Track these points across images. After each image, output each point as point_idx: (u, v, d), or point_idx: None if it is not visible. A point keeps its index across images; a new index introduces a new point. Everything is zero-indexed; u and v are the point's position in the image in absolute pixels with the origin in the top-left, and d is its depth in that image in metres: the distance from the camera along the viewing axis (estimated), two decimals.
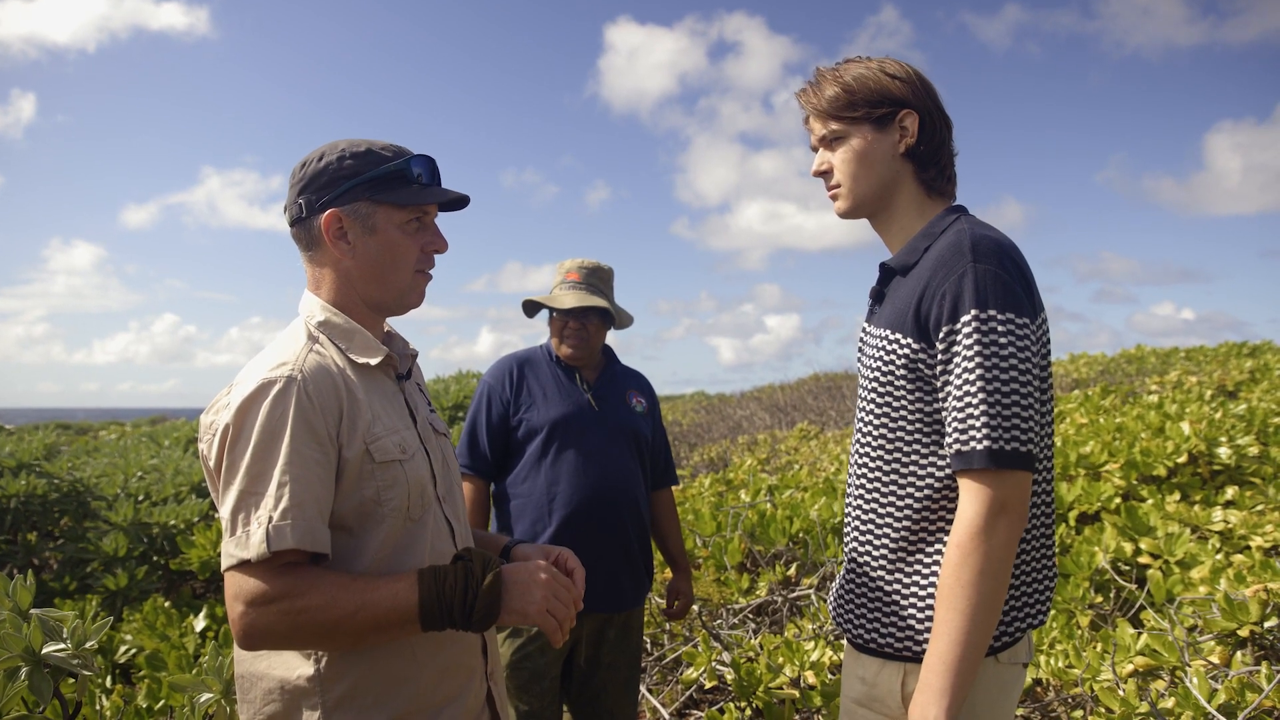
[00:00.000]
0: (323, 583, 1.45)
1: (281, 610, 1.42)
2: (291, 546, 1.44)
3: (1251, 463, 4.95)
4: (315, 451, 1.50)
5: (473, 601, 1.48)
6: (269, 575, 1.43)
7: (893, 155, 1.78)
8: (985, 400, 1.54)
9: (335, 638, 1.47)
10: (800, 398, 14.56)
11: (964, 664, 1.51)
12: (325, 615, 1.43)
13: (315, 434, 1.51)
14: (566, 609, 1.55)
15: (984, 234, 1.65)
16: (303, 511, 1.46)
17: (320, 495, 1.50)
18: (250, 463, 1.47)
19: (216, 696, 2.34)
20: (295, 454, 1.48)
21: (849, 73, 1.79)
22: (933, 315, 1.62)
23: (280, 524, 1.44)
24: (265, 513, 1.44)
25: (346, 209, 1.65)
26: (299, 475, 1.47)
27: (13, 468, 6.80)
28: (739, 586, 4.59)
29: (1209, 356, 11.53)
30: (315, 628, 1.44)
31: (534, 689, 2.83)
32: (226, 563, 1.47)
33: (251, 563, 1.44)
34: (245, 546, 1.44)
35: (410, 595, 1.46)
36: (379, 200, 1.66)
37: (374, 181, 1.66)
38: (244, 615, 1.43)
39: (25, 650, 1.93)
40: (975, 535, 1.52)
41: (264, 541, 1.43)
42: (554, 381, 3.04)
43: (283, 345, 1.63)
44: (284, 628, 1.43)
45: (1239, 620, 3.08)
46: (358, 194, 1.65)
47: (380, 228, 1.66)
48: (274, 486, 1.46)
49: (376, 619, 1.45)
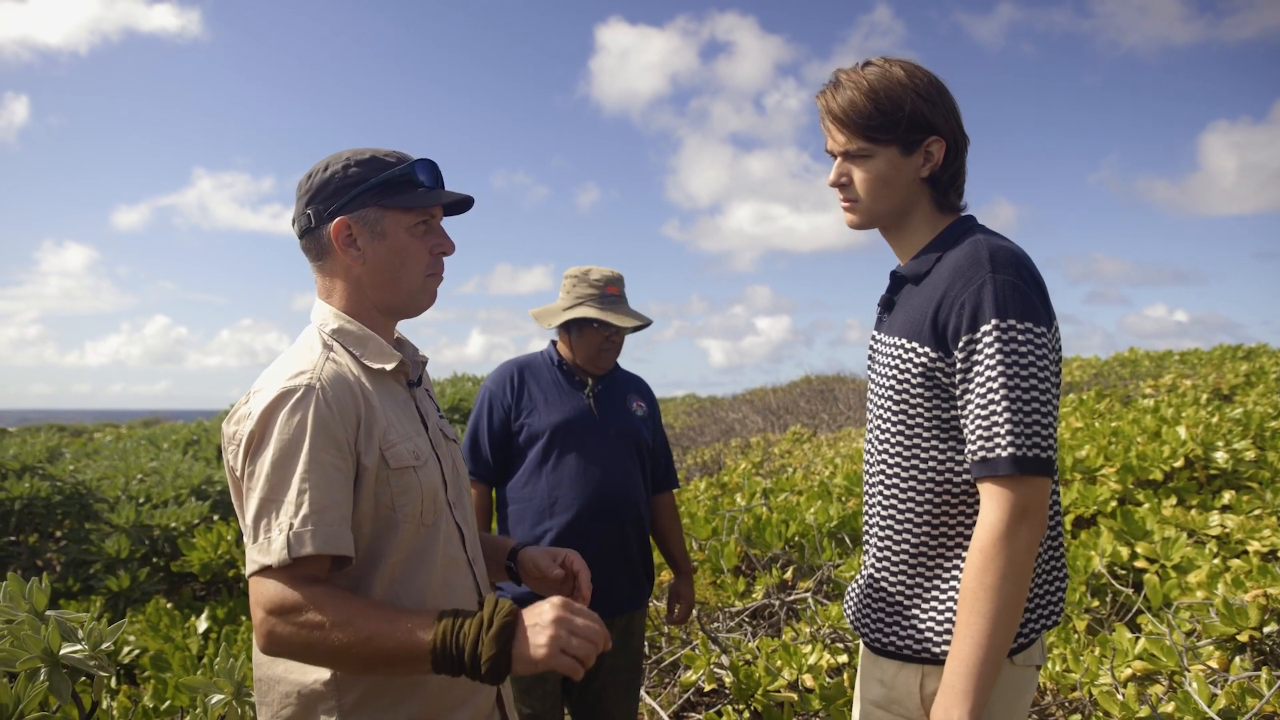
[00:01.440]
0: (345, 605, 1.46)
1: (300, 624, 1.44)
2: (311, 552, 1.46)
3: (1248, 467, 4.99)
4: (335, 458, 1.53)
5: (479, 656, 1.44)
6: (292, 584, 1.45)
7: (915, 179, 1.78)
8: (1009, 408, 1.56)
9: (347, 661, 1.48)
10: (792, 400, 14.60)
11: (987, 666, 1.54)
12: (340, 637, 1.44)
13: (335, 441, 1.53)
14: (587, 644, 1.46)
15: (1001, 244, 1.68)
16: (323, 517, 1.48)
17: (340, 501, 1.52)
18: (271, 470, 1.50)
19: (228, 698, 2.36)
20: (315, 461, 1.50)
21: (879, 85, 1.74)
22: (951, 324, 1.64)
23: (300, 530, 1.46)
24: (286, 519, 1.47)
25: (355, 216, 1.67)
26: (319, 482, 1.49)
27: (16, 470, 6.81)
28: (735, 590, 4.61)
29: (1203, 359, 11.58)
30: (329, 646, 1.45)
31: (536, 692, 2.86)
32: (250, 569, 1.49)
33: (274, 569, 1.46)
34: (267, 552, 1.46)
35: (424, 637, 1.44)
36: (386, 205, 1.68)
37: (380, 187, 1.68)
38: (265, 622, 1.46)
39: (44, 651, 1.95)
40: (999, 540, 1.55)
41: (285, 548, 1.45)
42: (555, 387, 3.07)
43: (299, 354, 1.65)
44: (300, 642, 1.45)
45: (1238, 625, 3.11)
46: (365, 200, 1.67)
47: (389, 232, 1.69)
48: (294, 493, 1.48)
49: (388, 652, 1.45)
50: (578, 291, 3.09)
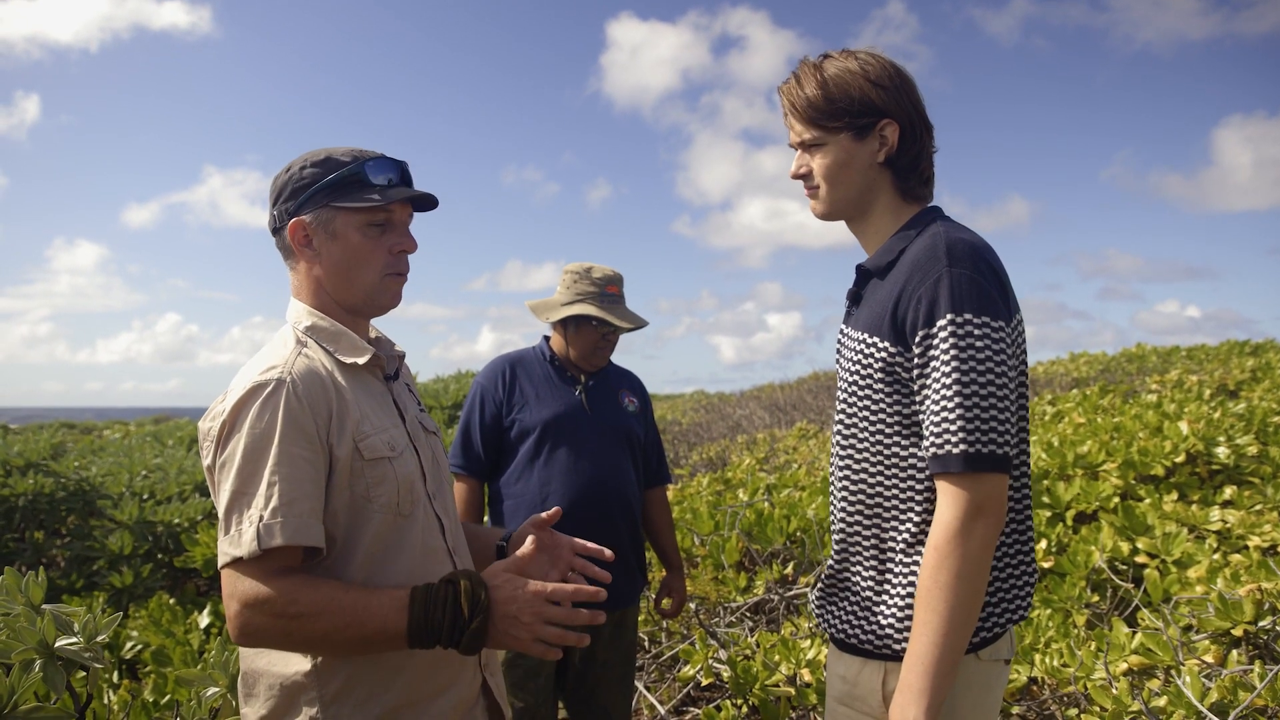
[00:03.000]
0: (317, 593, 1.49)
1: (273, 614, 1.47)
2: (280, 544, 1.48)
3: (1250, 462, 4.97)
4: (305, 451, 1.55)
5: (459, 635, 1.51)
6: (263, 576, 1.48)
7: (871, 164, 1.78)
8: (961, 404, 1.56)
9: (324, 647, 1.53)
10: (799, 397, 14.58)
11: (942, 664, 1.53)
12: (315, 625, 1.48)
13: (305, 434, 1.56)
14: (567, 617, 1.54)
15: (959, 237, 1.67)
16: (292, 509, 1.51)
17: (310, 493, 1.54)
18: (242, 464, 1.52)
19: (222, 691, 2.38)
20: (285, 454, 1.53)
21: (830, 74, 1.77)
22: (909, 319, 1.64)
23: (270, 522, 1.49)
24: (256, 511, 1.49)
25: (310, 216, 1.70)
26: (288, 474, 1.52)
27: (21, 467, 6.85)
28: (736, 585, 4.62)
29: (1210, 355, 11.55)
30: (305, 635, 1.49)
31: (530, 685, 2.88)
32: (222, 560, 1.52)
33: (244, 560, 1.49)
34: (238, 544, 1.49)
35: (399, 619, 1.50)
36: (337, 205, 1.70)
37: (332, 187, 1.70)
38: (239, 614, 1.49)
39: (39, 644, 1.97)
40: (952, 538, 1.55)
41: (255, 539, 1.48)
42: (547, 382, 3.08)
43: (272, 350, 1.68)
44: (276, 632, 1.49)
45: (1233, 619, 3.11)
46: (319, 200, 1.70)
47: (340, 232, 1.71)
48: (264, 486, 1.51)
49: (365, 636, 1.50)
50: (578, 288, 3.10)
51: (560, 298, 3.13)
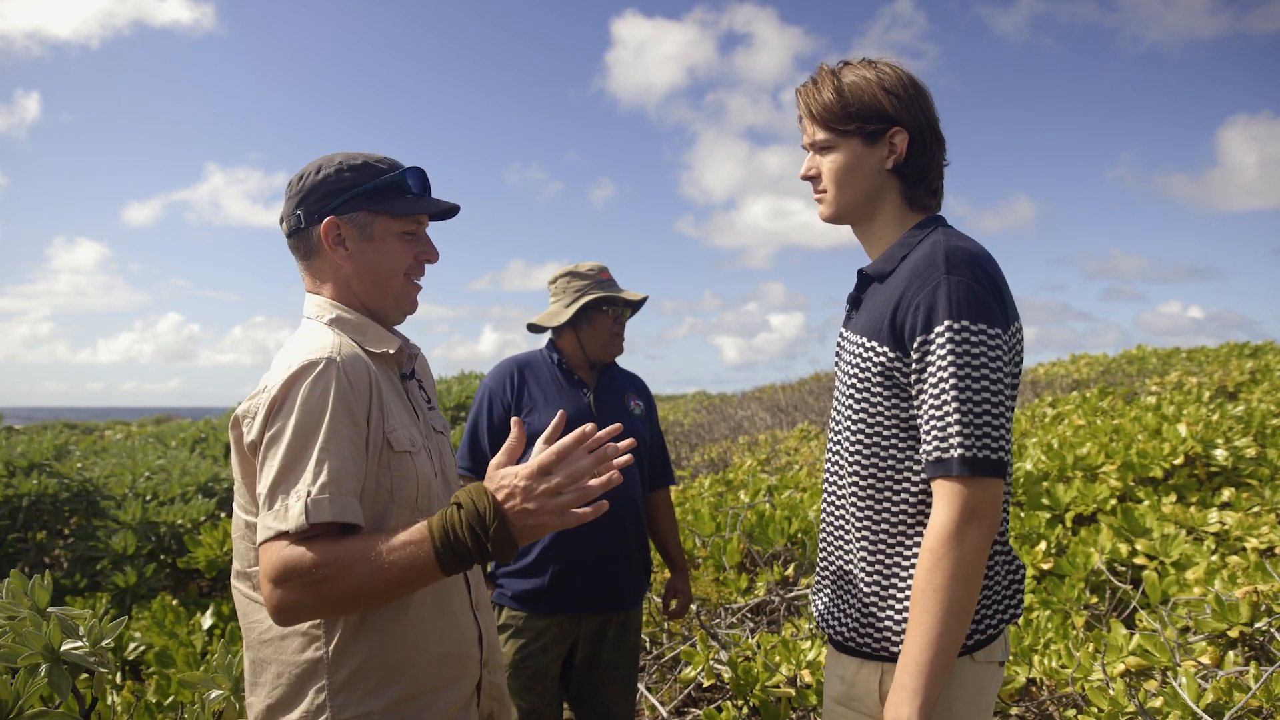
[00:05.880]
0: (345, 554, 1.48)
1: (307, 583, 1.46)
2: (329, 519, 1.49)
3: (1248, 464, 4.99)
4: (352, 431, 1.57)
5: (482, 544, 1.49)
6: (302, 548, 1.47)
7: (879, 170, 1.81)
8: (959, 409, 1.58)
9: (360, 602, 1.52)
10: (801, 398, 14.58)
11: (936, 665, 1.56)
12: (346, 583, 1.47)
13: (352, 415, 1.58)
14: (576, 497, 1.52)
15: (958, 245, 1.70)
16: (339, 487, 1.52)
17: (355, 473, 1.56)
18: (292, 438, 1.53)
19: (226, 693, 2.40)
20: (335, 431, 1.54)
21: (847, 80, 1.81)
22: (908, 325, 1.67)
23: (319, 498, 1.49)
24: (305, 486, 1.50)
25: (345, 217, 1.74)
26: (338, 452, 1.54)
27: (24, 467, 6.87)
28: (737, 586, 4.64)
29: (1210, 357, 11.55)
30: (339, 596, 1.48)
31: (535, 688, 2.90)
32: (263, 535, 1.51)
33: (289, 534, 1.48)
34: (284, 519, 1.49)
35: (425, 549, 1.48)
36: (377, 210, 1.74)
37: (372, 192, 1.74)
38: (276, 588, 1.48)
39: (45, 648, 1.99)
40: (947, 540, 1.57)
41: (303, 514, 1.48)
42: (555, 385, 3.10)
43: (311, 337, 1.69)
44: (313, 599, 1.48)
45: (1230, 621, 3.13)
46: (356, 204, 1.74)
47: (378, 236, 1.75)
48: (313, 462, 1.52)
49: (399, 580, 1.49)
50: (575, 286, 3.12)
51: (561, 301, 3.15)
